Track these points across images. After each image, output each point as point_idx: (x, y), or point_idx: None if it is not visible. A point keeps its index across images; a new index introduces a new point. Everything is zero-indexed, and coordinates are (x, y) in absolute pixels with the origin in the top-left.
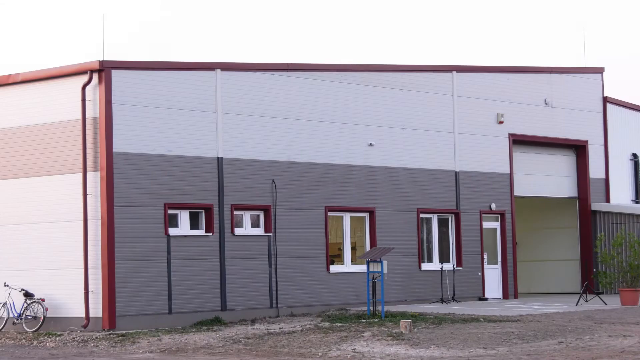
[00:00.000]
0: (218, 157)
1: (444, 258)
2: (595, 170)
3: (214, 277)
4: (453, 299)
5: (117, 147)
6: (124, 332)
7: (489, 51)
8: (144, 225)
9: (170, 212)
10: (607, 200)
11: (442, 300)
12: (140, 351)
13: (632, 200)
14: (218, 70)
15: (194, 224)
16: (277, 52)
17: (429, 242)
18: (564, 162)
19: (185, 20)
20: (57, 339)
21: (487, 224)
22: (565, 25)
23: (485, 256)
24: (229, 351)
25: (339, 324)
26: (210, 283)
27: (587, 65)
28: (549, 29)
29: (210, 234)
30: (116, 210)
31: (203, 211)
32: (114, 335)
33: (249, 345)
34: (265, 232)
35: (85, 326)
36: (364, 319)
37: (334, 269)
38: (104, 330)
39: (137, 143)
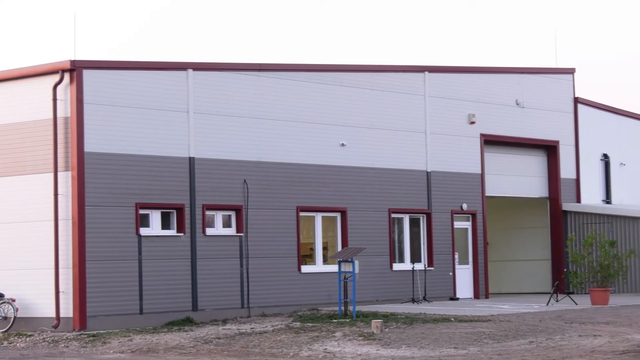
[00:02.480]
0: (190, 157)
1: (415, 258)
2: (566, 171)
3: (185, 277)
4: (424, 299)
5: (88, 147)
6: (94, 332)
7: (461, 52)
8: (115, 225)
9: (141, 212)
10: (578, 200)
11: (413, 300)
12: (111, 351)
13: (602, 200)
14: (190, 70)
15: (165, 224)
16: (249, 52)
17: (401, 242)
18: (535, 163)
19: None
20: (28, 339)
21: (458, 224)
22: (536, 27)
23: (456, 256)
24: (200, 351)
25: (310, 324)
26: (182, 283)
27: (558, 66)
28: (520, 30)
29: (182, 234)
30: (87, 210)
31: (174, 211)
32: (85, 336)
33: (220, 346)
34: (237, 232)
35: (56, 326)
36: (335, 319)
37: (305, 269)
38: (74, 330)
39: (109, 143)
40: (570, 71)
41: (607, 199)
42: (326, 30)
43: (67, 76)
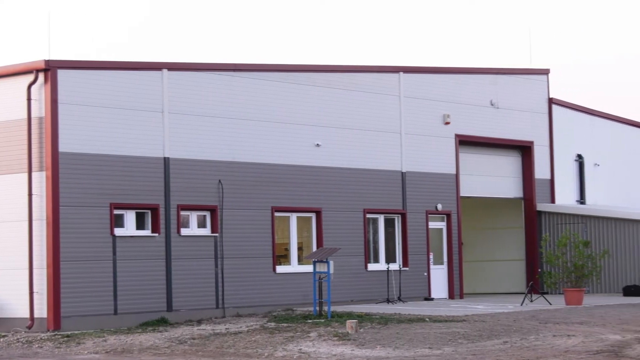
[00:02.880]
0: (164, 157)
1: (390, 258)
2: (541, 171)
3: (160, 277)
4: (399, 299)
5: (62, 147)
6: (69, 332)
7: (435, 52)
8: (90, 225)
9: (116, 212)
10: (552, 200)
11: (388, 301)
12: (86, 352)
13: (576, 200)
14: (165, 70)
15: (140, 224)
16: (226, 53)
17: (376, 242)
18: (510, 163)
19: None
20: (1, 339)
21: (433, 224)
22: (511, 27)
23: (431, 256)
24: (175, 352)
25: (285, 325)
26: (156, 283)
27: (533, 67)
28: (495, 31)
29: (157, 234)
30: (61, 210)
31: (149, 211)
32: (59, 336)
33: (195, 346)
34: (212, 232)
35: (29, 327)
36: (310, 319)
37: (280, 269)
38: (48, 331)
39: (83, 143)
40: (545, 72)
41: (582, 200)
42: (302, 31)
43: (41, 76)
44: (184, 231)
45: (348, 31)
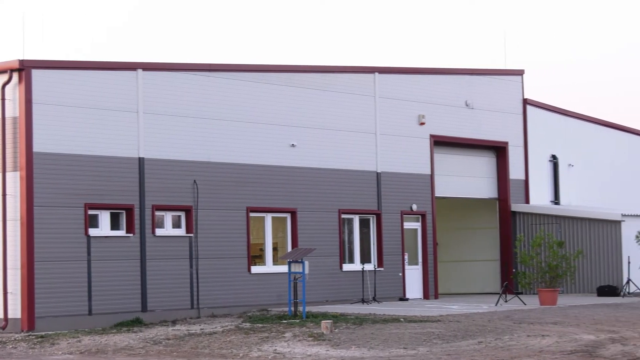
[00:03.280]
0: (139, 158)
1: (365, 258)
2: (515, 172)
3: (134, 278)
4: (374, 299)
5: (37, 147)
6: (43, 333)
7: (411, 53)
8: (64, 225)
9: (90, 212)
10: (527, 201)
11: (363, 301)
12: (60, 352)
13: (551, 201)
14: (139, 70)
15: (114, 225)
16: (203, 53)
17: (350, 242)
18: (485, 163)
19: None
20: None
21: (408, 225)
22: (486, 28)
23: (406, 257)
24: (150, 352)
25: (260, 325)
26: (131, 284)
27: (508, 67)
28: (470, 31)
29: (131, 235)
30: (36, 210)
31: (124, 212)
32: (33, 337)
33: (170, 346)
34: (187, 232)
35: (3, 327)
36: (285, 319)
37: (255, 269)
38: (23, 331)
39: (58, 143)
40: (519, 72)
41: (556, 200)
42: (277, 31)
43: (15, 76)
44: (159, 231)
45: (323, 32)
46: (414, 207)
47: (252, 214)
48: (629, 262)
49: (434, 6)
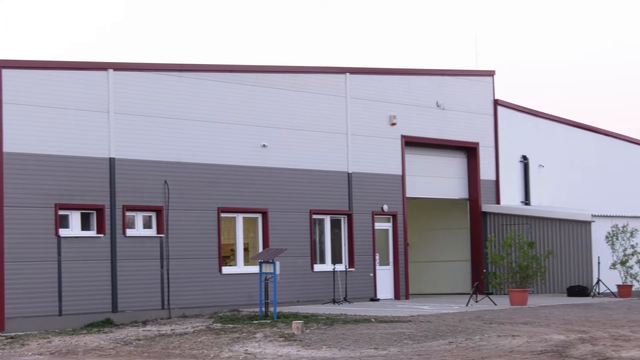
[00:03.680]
0: (110, 158)
1: (336, 259)
2: (486, 172)
3: (105, 278)
4: (345, 299)
5: (7, 147)
6: (12, 334)
7: (382, 54)
8: (34, 226)
9: (61, 212)
10: (498, 201)
11: (334, 301)
12: (30, 353)
13: (521, 201)
14: (110, 70)
15: (85, 225)
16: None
17: (322, 243)
18: (456, 164)
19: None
20: None
21: (379, 225)
22: (457, 29)
23: (377, 257)
24: (120, 353)
25: (231, 325)
26: (102, 284)
27: (478, 68)
28: (441, 32)
29: (102, 235)
30: (6, 210)
31: (94, 212)
32: (3, 337)
33: (140, 347)
34: (158, 233)
35: None
36: (256, 320)
37: (226, 270)
38: None
39: (28, 143)
40: (490, 73)
41: (526, 201)
42: (248, 31)
43: None
44: (130, 232)
45: (295, 32)
46: (385, 207)
47: (223, 215)
48: (598, 263)
49: (405, 7)
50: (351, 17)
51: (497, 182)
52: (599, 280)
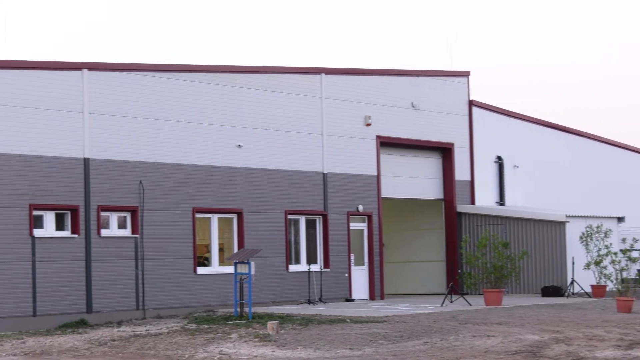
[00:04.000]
0: (85, 158)
1: (311, 259)
2: (461, 173)
3: (79, 279)
4: (320, 300)
5: None
6: None
7: (358, 54)
8: (8, 226)
9: (35, 213)
10: (472, 202)
11: (309, 302)
12: (4, 354)
13: (496, 202)
14: (85, 70)
15: (59, 225)
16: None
17: (297, 243)
18: (431, 164)
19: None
20: None
21: (354, 226)
22: (432, 30)
23: (352, 257)
24: (95, 353)
25: (206, 326)
26: (76, 285)
27: (454, 69)
28: (417, 33)
29: (76, 236)
30: None
31: (69, 212)
32: None
33: (115, 348)
34: (132, 233)
35: None
36: (231, 320)
37: (201, 270)
38: None
39: (2, 143)
40: (465, 74)
41: (501, 201)
42: (224, 31)
43: None
44: (104, 232)
45: (270, 33)
46: (360, 207)
47: (198, 215)
48: (573, 263)
49: (381, 8)
50: (327, 17)
51: (472, 182)
52: (573, 281)
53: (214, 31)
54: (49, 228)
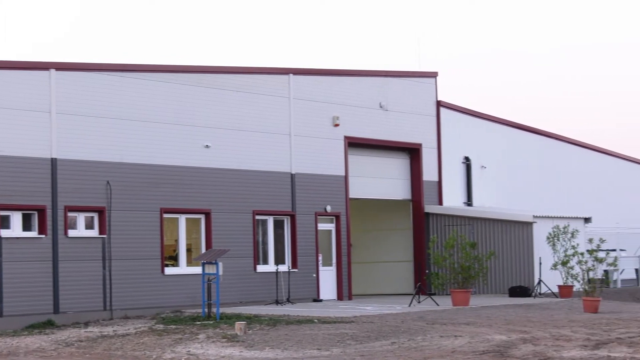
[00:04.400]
0: (52, 158)
1: (279, 260)
2: (429, 173)
3: (46, 279)
4: (288, 300)
5: None
6: None
7: (326, 55)
8: None
9: (1, 213)
10: (440, 202)
11: (277, 302)
12: None
13: (464, 202)
14: (52, 70)
15: (26, 226)
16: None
17: (265, 243)
18: (399, 165)
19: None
20: None
21: (322, 226)
22: (400, 30)
23: (320, 258)
24: (62, 354)
25: (173, 326)
26: (43, 285)
27: (422, 70)
28: (384, 34)
29: (43, 236)
30: None
31: (36, 212)
32: None
33: (82, 348)
34: (100, 233)
35: None
36: (198, 321)
37: (168, 271)
38: None
39: None
40: (433, 75)
41: (469, 201)
42: (193, 32)
43: None
44: (71, 232)
45: (238, 33)
46: (328, 208)
47: (165, 215)
48: (540, 263)
49: (348, 8)
50: (295, 17)
51: (439, 183)
52: (540, 281)
53: (183, 31)
54: (15, 228)
